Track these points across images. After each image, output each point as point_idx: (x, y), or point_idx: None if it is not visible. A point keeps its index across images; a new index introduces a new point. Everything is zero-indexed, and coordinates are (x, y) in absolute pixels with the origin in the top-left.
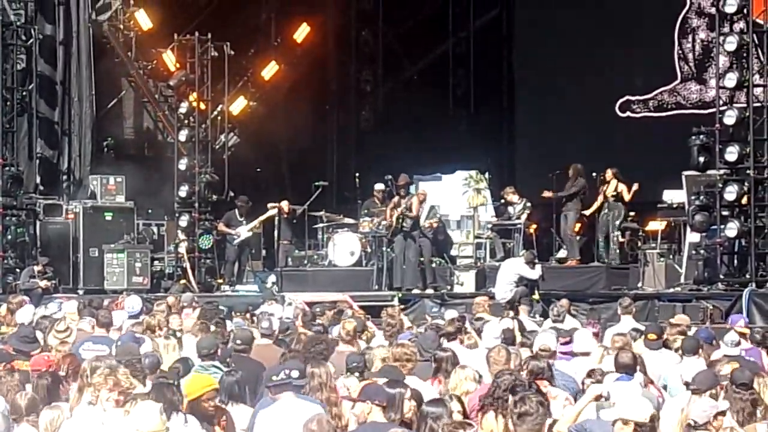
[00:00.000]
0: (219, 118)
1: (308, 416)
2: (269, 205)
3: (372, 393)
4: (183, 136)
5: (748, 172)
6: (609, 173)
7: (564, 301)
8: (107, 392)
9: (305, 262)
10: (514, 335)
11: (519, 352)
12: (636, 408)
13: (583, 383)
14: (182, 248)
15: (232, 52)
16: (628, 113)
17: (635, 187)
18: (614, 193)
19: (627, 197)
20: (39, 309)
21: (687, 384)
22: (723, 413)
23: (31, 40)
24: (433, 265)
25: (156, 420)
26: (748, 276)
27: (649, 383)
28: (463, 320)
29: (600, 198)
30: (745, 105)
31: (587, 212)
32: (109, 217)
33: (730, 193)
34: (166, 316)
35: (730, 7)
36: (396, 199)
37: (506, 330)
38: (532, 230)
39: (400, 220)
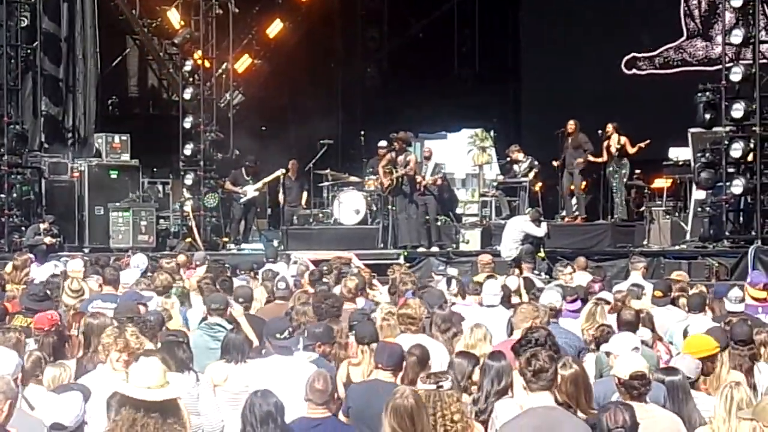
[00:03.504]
0: (224, 76)
1: (305, 371)
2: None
3: (379, 354)
4: (188, 94)
5: (754, 128)
6: (609, 127)
7: (581, 260)
8: (117, 353)
9: (310, 220)
10: (510, 293)
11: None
12: (632, 362)
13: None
14: (188, 206)
15: (237, 10)
16: (634, 70)
17: (643, 144)
18: (618, 146)
19: (631, 150)
20: (48, 267)
21: None
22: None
23: None
24: (439, 223)
25: (159, 372)
26: (753, 233)
27: (657, 340)
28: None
29: (605, 154)
30: (751, 61)
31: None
32: (114, 175)
33: (736, 150)
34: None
35: None
36: (392, 154)
37: (504, 287)
38: (537, 188)
39: (400, 180)
